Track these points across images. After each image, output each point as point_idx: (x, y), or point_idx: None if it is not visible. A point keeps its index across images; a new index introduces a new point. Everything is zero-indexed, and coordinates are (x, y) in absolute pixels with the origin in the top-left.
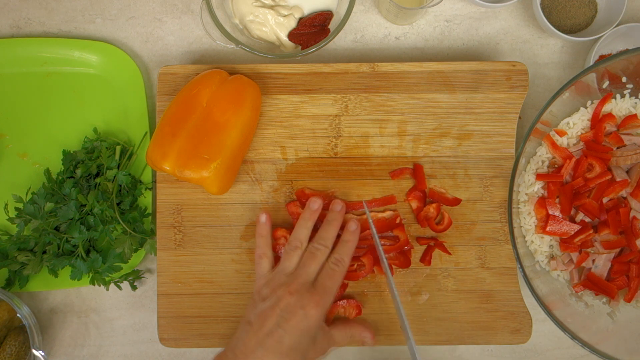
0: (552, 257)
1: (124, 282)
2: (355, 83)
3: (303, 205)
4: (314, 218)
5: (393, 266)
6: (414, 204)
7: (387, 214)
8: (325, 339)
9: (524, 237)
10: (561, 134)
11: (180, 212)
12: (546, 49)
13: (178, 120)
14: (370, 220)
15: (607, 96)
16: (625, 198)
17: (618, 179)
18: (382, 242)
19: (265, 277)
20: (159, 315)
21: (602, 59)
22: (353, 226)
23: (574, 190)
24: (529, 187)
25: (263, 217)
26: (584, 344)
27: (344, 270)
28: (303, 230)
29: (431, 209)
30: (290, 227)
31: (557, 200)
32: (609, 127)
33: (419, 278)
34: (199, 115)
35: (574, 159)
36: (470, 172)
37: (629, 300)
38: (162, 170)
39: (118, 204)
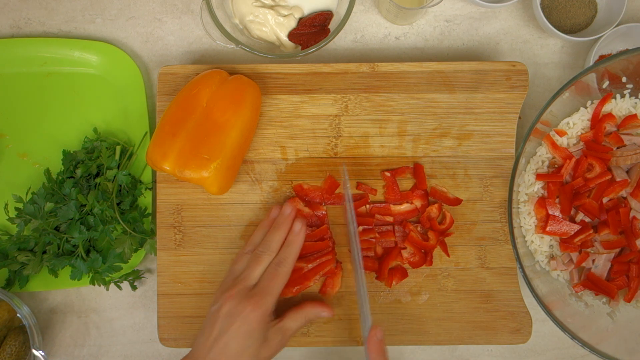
0: (552, 257)
1: (124, 282)
2: (355, 83)
3: (302, 200)
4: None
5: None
6: (418, 203)
7: (405, 206)
8: (277, 334)
9: (524, 237)
10: (561, 134)
11: (180, 212)
12: (546, 49)
13: (178, 120)
14: (349, 195)
15: (607, 96)
16: (625, 198)
17: (618, 179)
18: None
19: (223, 282)
20: (159, 316)
21: (602, 59)
22: (297, 227)
23: (574, 190)
24: (529, 187)
25: (275, 212)
26: (584, 344)
27: (286, 271)
28: (258, 236)
29: (433, 209)
30: None
31: (557, 200)
32: (609, 127)
33: (419, 278)
34: (199, 115)
35: (574, 159)
36: (470, 172)
37: (628, 300)
38: (162, 170)
39: (118, 204)
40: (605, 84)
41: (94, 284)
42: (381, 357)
